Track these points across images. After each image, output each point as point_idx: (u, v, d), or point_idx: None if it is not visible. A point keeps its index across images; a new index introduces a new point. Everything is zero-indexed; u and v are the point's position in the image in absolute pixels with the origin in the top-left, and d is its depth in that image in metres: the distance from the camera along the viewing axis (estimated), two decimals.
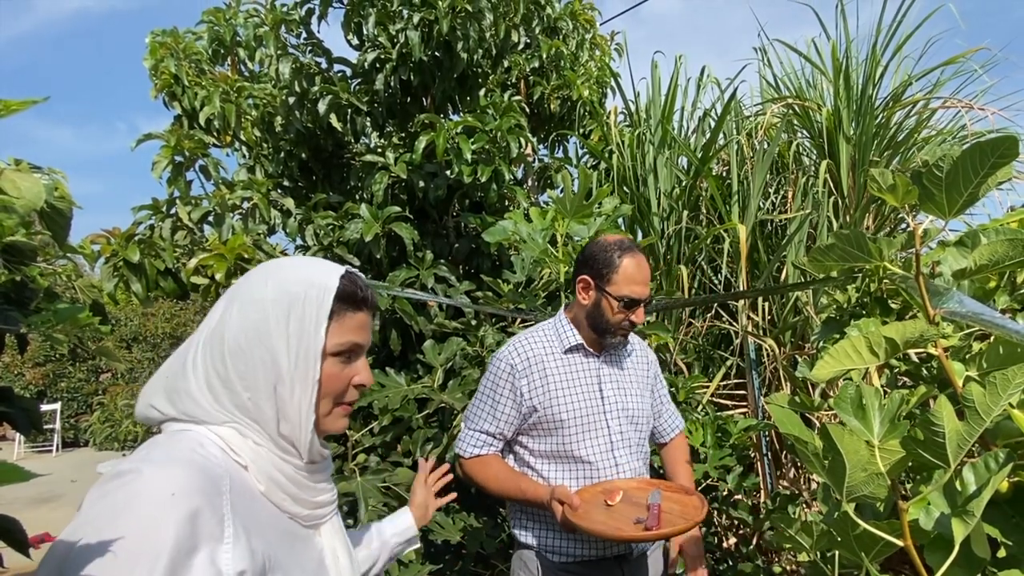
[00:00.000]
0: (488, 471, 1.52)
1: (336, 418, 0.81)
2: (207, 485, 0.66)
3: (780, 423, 0.77)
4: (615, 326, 1.51)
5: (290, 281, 0.78)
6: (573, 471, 1.50)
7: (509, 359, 1.53)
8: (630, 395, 1.58)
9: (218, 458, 0.71)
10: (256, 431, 0.75)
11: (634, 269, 1.49)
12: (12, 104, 0.83)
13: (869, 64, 3.36)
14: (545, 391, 1.50)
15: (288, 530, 0.77)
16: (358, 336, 0.81)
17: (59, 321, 1.02)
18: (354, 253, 3.04)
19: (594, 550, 1.47)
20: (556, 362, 1.54)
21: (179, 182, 3.06)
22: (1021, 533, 0.75)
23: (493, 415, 1.53)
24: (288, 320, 0.75)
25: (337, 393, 0.80)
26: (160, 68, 3.61)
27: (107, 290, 2.61)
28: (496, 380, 1.54)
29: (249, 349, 0.74)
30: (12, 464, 0.49)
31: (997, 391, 0.62)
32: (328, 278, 0.79)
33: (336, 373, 0.79)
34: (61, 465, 9.58)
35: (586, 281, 1.54)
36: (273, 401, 0.75)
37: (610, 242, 1.54)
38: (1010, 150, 0.77)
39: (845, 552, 0.79)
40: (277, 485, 0.76)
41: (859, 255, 0.97)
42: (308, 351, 0.75)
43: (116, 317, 12.42)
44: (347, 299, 0.79)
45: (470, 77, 3.31)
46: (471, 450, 1.55)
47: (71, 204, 1.07)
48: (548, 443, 1.51)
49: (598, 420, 1.52)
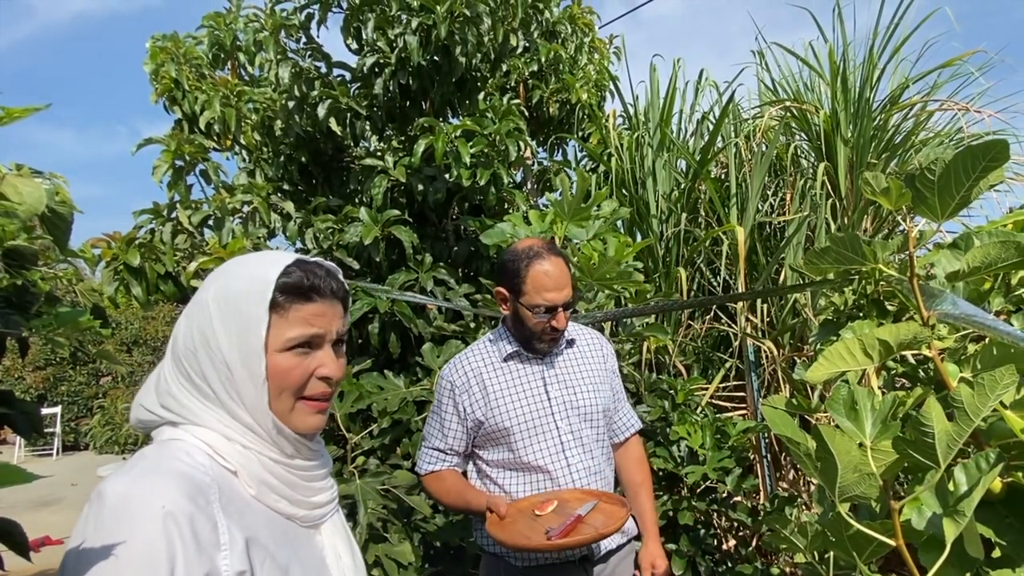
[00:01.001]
0: (442, 486, 1.55)
1: (303, 415, 0.77)
2: (196, 493, 0.65)
3: (773, 424, 0.78)
4: (539, 333, 1.51)
5: (232, 277, 0.76)
6: (527, 478, 1.52)
7: (449, 377, 1.57)
8: (580, 391, 1.57)
9: (206, 466, 0.70)
10: (242, 431, 0.73)
11: (543, 277, 1.46)
12: (14, 112, 0.84)
13: (866, 67, 3.38)
14: (486, 403, 1.52)
15: (285, 531, 0.76)
16: (312, 327, 0.76)
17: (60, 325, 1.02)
18: (354, 256, 3.05)
19: (555, 554, 1.47)
20: (495, 372, 1.55)
21: (179, 186, 3.08)
22: (1015, 533, 0.75)
23: (441, 432, 1.57)
24: (231, 318, 0.73)
25: (295, 388, 0.75)
26: (160, 72, 3.62)
27: (108, 294, 2.62)
28: (439, 399, 1.58)
29: (197, 351, 0.73)
30: (14, 466, 0.50)
31: (985, 392, 0.63)
32: (269, 270, 0.75)
33: (291, 367, 0.74)
34: (61, 469, 9.57)
35: (501, 293, 1.55)
36: (236, 397, 0.73)
37: (519, 251, 1.52)
38: (1001, 154, 0.78)
39: (839, 553, 0.80)
40: (269, 487, 0.74)
41: (854, 258, 0.98)
42: (251, 348, 0.72)
43: (117, 321, 12.43)
44: (292, 290, 0.75)
45: (469, 81, 3.32)
46: (426, 467, 1.59)
47: (72, 208, 1.08)
48: (499, 453, 1.53)
49: (546, 423, 1.52)
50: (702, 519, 2.47)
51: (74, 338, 1.07)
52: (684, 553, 2.29)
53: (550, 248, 1.53)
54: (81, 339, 1.10)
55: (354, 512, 2.05)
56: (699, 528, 2.40)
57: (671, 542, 2.30)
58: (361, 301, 2.71)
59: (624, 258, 2.26)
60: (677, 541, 2.31)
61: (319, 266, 0.79)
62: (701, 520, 2.46)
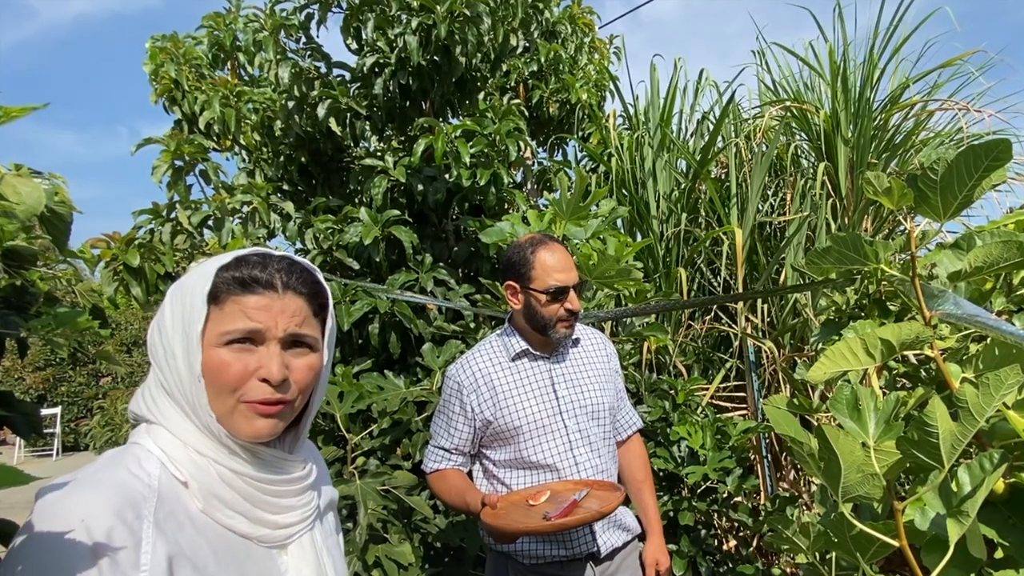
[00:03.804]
0: (443, 485, 1.55)
1: (244, 418, 0.69)
2: (125, 507, 0.62)
3: (776, 424, 0.77)
4: (554, 319, 1.52)
5: (188, 273, 0.73)
6: (535, 477, 1.52)
7: (456, 377, 1.57)
8: (587, 391, 1.58)
9: (152, 475, 0.66)
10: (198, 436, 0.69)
11: (551, 259, 1.50)
12: (12, 111, 0.84)
13: (867, 67, 3.38)
14: (495, 402, 1.52)
15: (234, 550, 0.69)
16: (249, 321, 0.69)
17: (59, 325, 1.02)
18: (353, 256, 3.05)
19: (562, 550, 1.48)
20: (504, 372, 1.56)
21: (179, 186, 3.07)
22: (1018, 534, 0.75)
23: (448, 432, 1.57)
24: (178, 310, 0.71)
25: (232, 388, 0.69)
26: (160, 73, 3.62)
27: (107, 294, 2.62)
28: (447, 398, 1.58)
29: (154, 347, 0.72)
30: (12, 467, 0.49)
31: (990, 391, 0.62)
32: (215, 263, 0.71)
33: (225, 363, 0.68)
34: (61, 469, 9.55)
35: (512, 287, 1.56)
36: (183, 396, 0.69)
37: (522, 242, 1.56)
38: (1003, 153, 0.77)
39: (842, 553, 0.79)
40: (221, 502, 0.68)
41: (855, 258, 0.98)
42: (190, 341, 0.69)
43: (116, 321, 12.43)
44: (232, 281, 0.70)
45: (469, 81, 3.32)
46: (432, 465, 1.60)
47: (71, 209, 1.08)
48: (507, 452, 1.54)
49: (554, 421, 1.53)
50: (703, 519, 2.47)
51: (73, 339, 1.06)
52: (685, 554, 2.29)
53: (551, 237, 1.58)
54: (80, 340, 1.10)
55: (354, 513, 2.05)
56: (700, 528, 2.40)
57: (672, 542, 2.30)
58: (361, 301, 2.71)
59: (624, 258, 2.26)
60: (678, 541, 2.31)
61: (279, 260, 0.74)
62: (702, 520, 2.46)
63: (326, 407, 2.22)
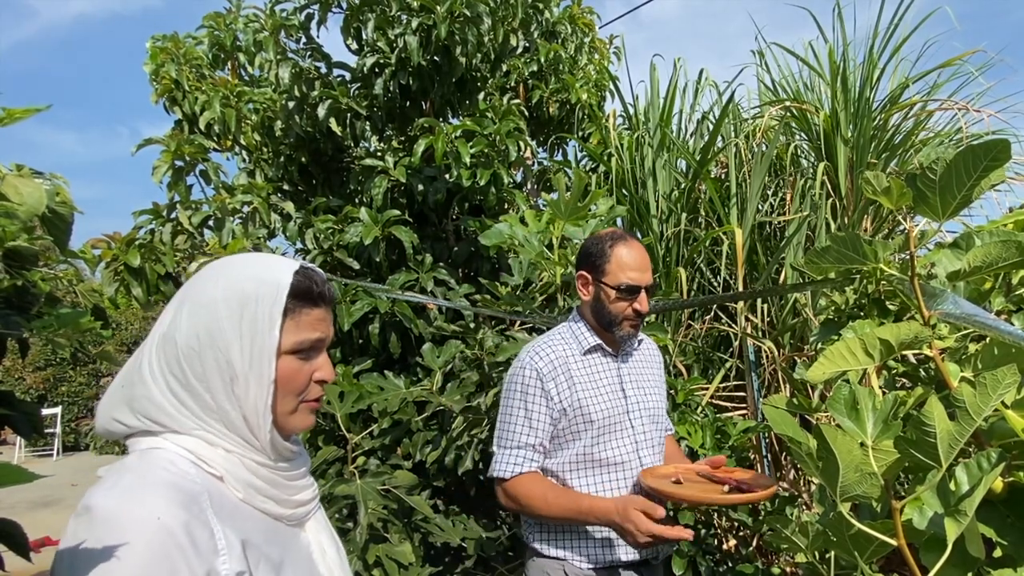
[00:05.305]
0: (536, 489, 1.42)
1: (302, 415, 0.80)
2: (190, 502, 0.65)
3: (774, 423, 0.77)
4: (620, 316, 1.48)
5: (241, 279, 0.75)
6: (598, 475, 1.47)
7: (533, 364, 1.48)
8: (650, 394, 1.57)
9: (192, 474, 0.70)
10: (225, 436, 0.74)
11: (628, 256, 1.47)
12: (15, 112, 0.84)
13: (866, 67, 3.38)
14: (572, 393, 1.46)
15: (275, 531, 0.77)
16: (316, 332, 0.78)
17: (60, 325, 1.02)
18: (354, 256, 3.05)
19: (623, 555, 1.45)
20: (578, 364, 1.51)
21: (179, 186, 3.08)
22: (1016, 533, 0.75)
23: (530, 425, 1.45)
24: (241, 320, 0.74)
25: (298, 391, 0.78)
26: (160, 73, 3.63)
27: (108, 294, 2.62)
28: (526, 388, 1.47)
29: (202, 351, 0.73)
30: (14, 466, 0.50)
31: (987, 391, 0.62)
32: (281, 275, 0.76)
33: (295, 370, 0.77)
34: (62, 469, 9.57)
35: (584, 277, 1.53)
36: (234, 400, 0.74)
37: (602, 235, 1.53)
38: (1002, 153, 0.78)
39: (841, 552, 0.80)
40: (255, 490, 0.75)
41: (855, 257, 0.98)
42: (263, 351, 0.74)
43: (117, 321, 12.43)
44: (302, 295, 0.77)
45: (469, 81, 3.32)
46: (513, 469, 1.44)
47: (72, 209, 1.08)
48: (573, 449, 1.47)
49: (623, 420, 1.50)
50: (702, 519, 2.47)
51: (74, 339, 1.07)
52: (684, 553, 2.28)
53: (632, 235, 1.56)
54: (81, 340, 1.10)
55: (354, 512, 2.05)
56: (699, 528, 2.40)
57: (671, 542, 2.30)
58: (361, 301, 2.71)
59: None
60: (677, 541, 2.31)
61: (319, 273, 0.82)
62: (701, 520, 2.46)
63: (327, 407, 2.22)
